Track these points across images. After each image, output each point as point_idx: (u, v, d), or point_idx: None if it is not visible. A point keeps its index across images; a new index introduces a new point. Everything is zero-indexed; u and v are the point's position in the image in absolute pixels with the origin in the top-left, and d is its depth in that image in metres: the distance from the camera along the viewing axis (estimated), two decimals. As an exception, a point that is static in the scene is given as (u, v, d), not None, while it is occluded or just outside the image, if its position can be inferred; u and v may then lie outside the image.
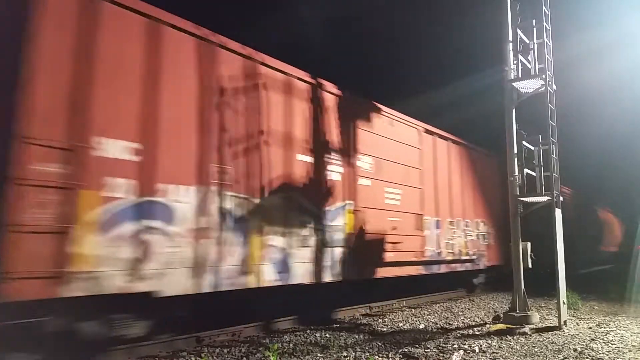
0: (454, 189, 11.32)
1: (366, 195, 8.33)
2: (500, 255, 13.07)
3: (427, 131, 10.55)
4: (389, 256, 8.67)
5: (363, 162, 8.40)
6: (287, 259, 6.66)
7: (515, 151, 7.78)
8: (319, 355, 5.58)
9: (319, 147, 7.52)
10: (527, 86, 7.82)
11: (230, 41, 6.30)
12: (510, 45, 7.94)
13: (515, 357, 5.48)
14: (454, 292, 12.09)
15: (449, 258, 10.76)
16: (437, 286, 11.41)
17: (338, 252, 7.57)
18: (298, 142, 7.15)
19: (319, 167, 7.48)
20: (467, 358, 5.46)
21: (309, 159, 7.29)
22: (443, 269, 10.57)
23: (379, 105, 9.15)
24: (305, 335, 6.78)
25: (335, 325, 7.62)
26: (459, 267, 11.25)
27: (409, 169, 9.67)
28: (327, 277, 7.28)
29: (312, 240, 7.11)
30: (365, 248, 8.13)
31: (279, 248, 6.57)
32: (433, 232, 10.23)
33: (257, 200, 6.33)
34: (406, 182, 9.50)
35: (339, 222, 7.67)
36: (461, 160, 11.82)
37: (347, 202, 7.90)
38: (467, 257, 11.53)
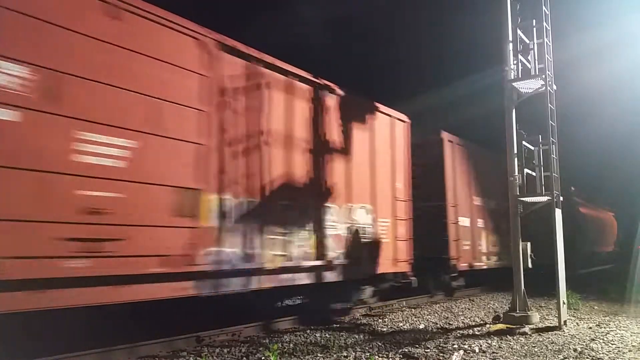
0: (300, 155, 7.20)
1: None
2: (402, 257, 9.13)
3: (230, 49, 6.23)
4: (68, 267, 4.40)
5: None
6: None
7: (515, 151, 7.78)
8: (319, 355, 5.58)
9: None
10: (527, 86, 7.83)
11: None
12: (510, 45, 7.95)
13: (515, 357, 5.48)
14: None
15: (275, 266, 6.54)
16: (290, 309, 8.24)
17: None
18: None
19: None
20: (467, 358, 5.46)
21: None
22: (258, 282, 6.35)
23: None
24: (305, 335, 6.78)
25: (335, 325, 7.62)
26: (301, 279, 7.00)
27: (167, 105, 5.41)
28: None
29: None
30: None
31: None
32: (233, 221, 6.11)
33: None
34: (155, 127, 5.25)
35: None
36: (322, 113, 7.68)
37: None
38: (322, 263, 7.32)
